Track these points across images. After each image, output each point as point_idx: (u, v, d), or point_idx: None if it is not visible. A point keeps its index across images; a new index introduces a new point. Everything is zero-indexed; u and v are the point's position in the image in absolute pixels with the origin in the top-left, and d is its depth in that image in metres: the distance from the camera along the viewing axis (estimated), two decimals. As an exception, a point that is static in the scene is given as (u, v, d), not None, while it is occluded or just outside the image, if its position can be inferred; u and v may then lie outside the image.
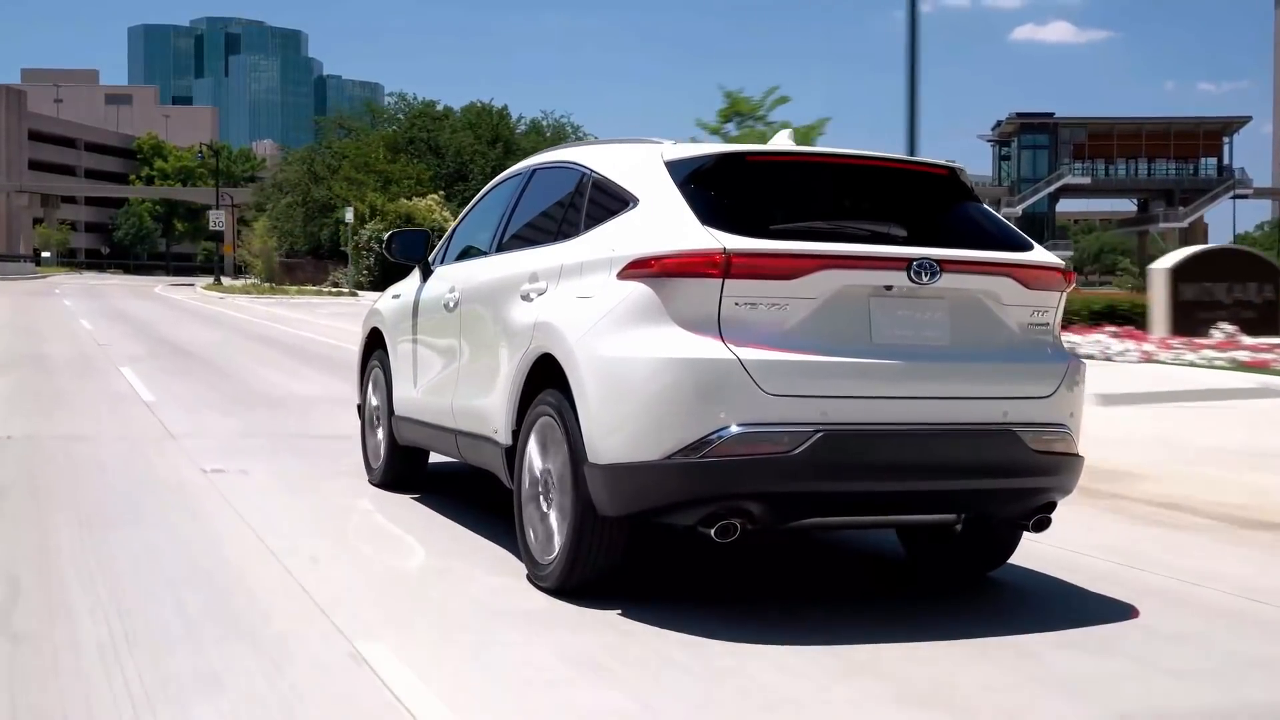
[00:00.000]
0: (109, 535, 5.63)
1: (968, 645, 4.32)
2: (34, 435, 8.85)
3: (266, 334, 22.81)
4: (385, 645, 4.09)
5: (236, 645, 4.05)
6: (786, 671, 3.97)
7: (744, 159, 4.82)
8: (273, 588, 4.82)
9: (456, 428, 5.90)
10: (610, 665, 3.99)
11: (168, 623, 4.29)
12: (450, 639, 4.25)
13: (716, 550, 4.41)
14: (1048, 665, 4.16)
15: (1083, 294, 23.40)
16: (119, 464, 7.72)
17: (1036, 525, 4.83)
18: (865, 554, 5.92)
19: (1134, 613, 4.82)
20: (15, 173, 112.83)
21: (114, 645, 3.98)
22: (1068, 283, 4.86)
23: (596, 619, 4.48)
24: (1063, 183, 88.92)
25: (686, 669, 3.98)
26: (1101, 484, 7.31)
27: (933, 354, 4.54)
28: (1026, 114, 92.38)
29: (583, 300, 4.73)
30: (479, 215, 6.56)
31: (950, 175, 5.03)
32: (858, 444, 4.36)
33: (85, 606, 4.44)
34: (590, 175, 5.23)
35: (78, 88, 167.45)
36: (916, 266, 4.44)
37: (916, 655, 4.20)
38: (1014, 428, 4.58)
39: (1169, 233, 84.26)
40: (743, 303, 4.33)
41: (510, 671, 3.92)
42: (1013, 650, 4.29)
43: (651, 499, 4.41)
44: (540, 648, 4.16)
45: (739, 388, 4.25)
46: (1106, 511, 6.92)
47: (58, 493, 6.68)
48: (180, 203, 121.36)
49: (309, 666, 3.89)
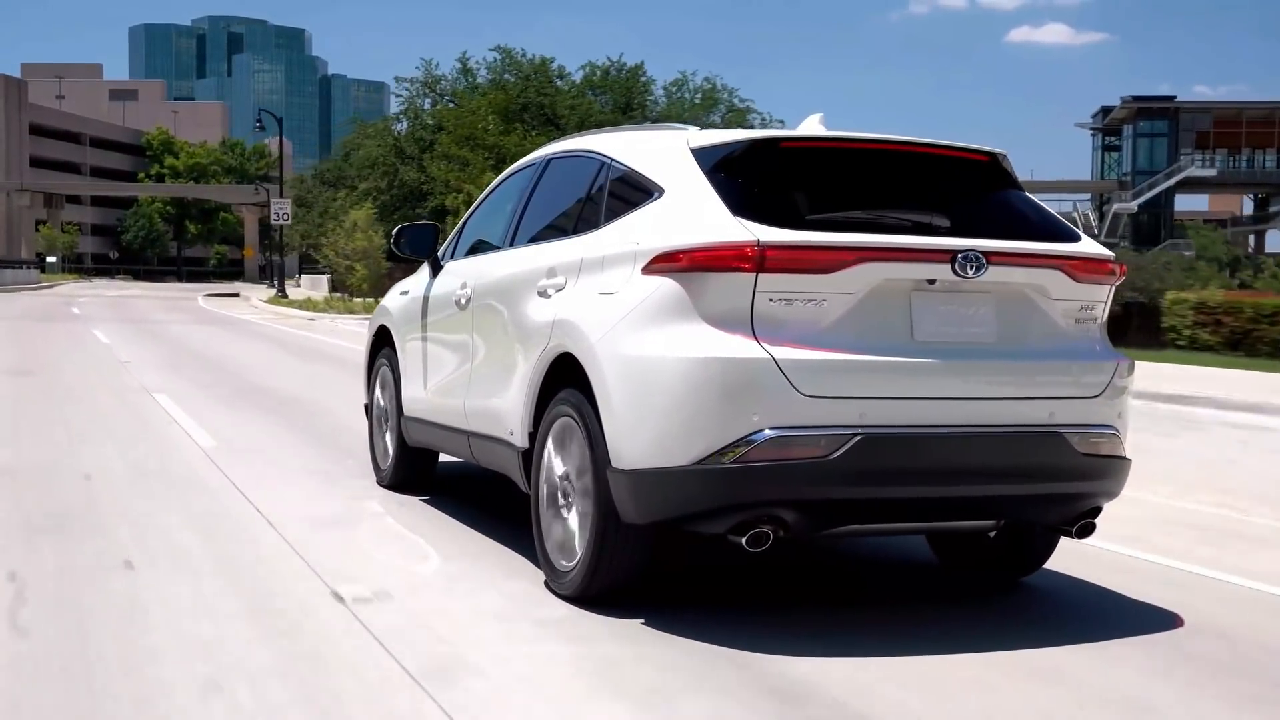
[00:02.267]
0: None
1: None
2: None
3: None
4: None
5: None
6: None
7: (777, 145, 4.57)
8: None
9: (469, 429, 5.66)
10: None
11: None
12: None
13: (740, 554, 4.17)
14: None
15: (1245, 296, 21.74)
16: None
17: (1080, 531, 4.61)
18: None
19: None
20: (15, 170, 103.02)
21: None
22: (1118, 275, 4.62)
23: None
24: (1185, 175, 74.11)
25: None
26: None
27: (977, 352, 4.31)
28: (1144, 98, 76.91)
29: (605, 296, 4.50)
30: (490, 208, 6.32)
31: (993, 161, 4.79)
32: (898, 447, 4.12)
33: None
34: (610, 164, 4.99)
35: (80, 83, 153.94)
36: (962, 259, 4.20)
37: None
38: (1060, 429, 4.35)
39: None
40: (777, 298, 4.09)
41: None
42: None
43: (679, 506, 4.18)
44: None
45: (773, 389, 4.02)
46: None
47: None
48: (193, 203, 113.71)
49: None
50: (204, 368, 15.41)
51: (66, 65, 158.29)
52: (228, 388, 12.68)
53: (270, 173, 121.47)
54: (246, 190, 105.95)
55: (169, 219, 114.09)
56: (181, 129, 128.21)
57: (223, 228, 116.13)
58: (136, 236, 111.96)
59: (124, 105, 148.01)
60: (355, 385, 11.01)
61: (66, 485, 6.79)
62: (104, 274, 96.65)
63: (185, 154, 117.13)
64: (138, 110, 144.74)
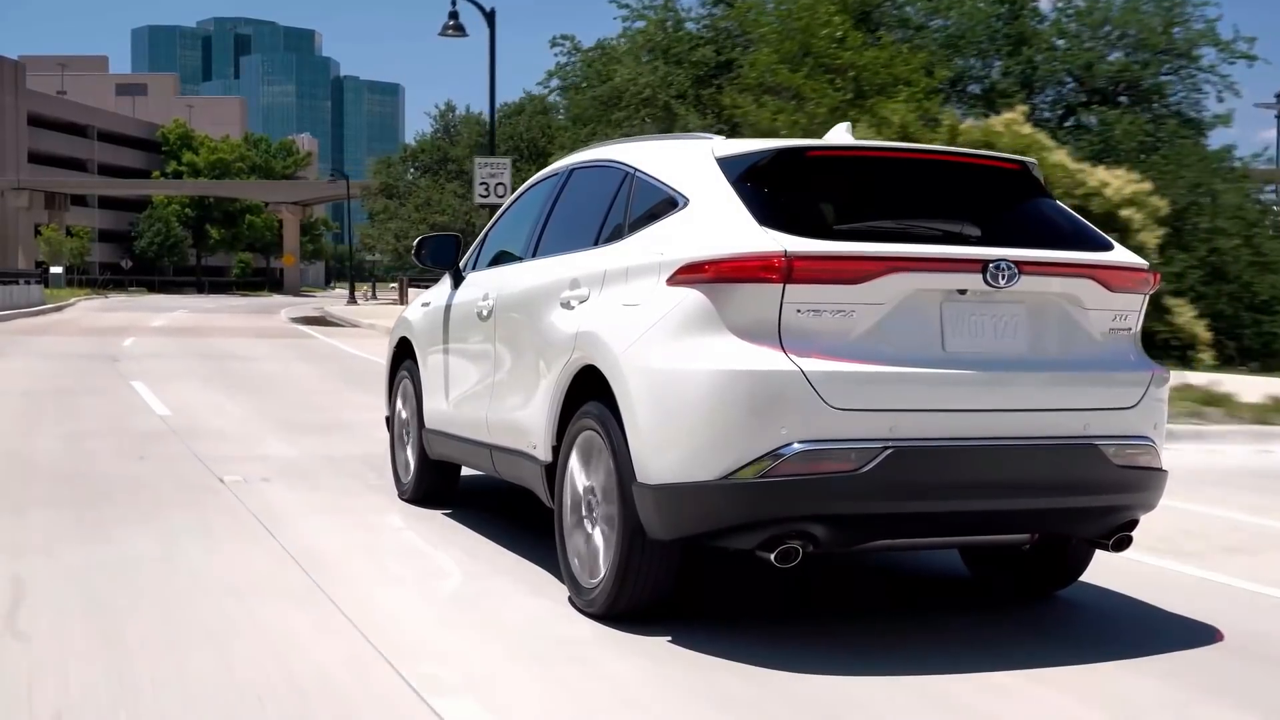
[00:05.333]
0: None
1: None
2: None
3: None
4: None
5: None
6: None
7: (803, 154, 4.56)
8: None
9: (492, 442, 5.66)
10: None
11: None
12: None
13: (768, 567, 4.14)
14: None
15: None
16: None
17: (1117, 544, 4.58)
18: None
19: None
20: (12, 165, 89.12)
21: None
22: (1152, 285, 4.58)
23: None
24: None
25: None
26: None
27: (1009, 363, 4.28)
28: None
29: (629, 308, 4.48)
30: (513, 218, 6.32)
31: (1023, 170, 4.78)
32: (929, 461, 4.10)
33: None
34: (634, 174, 4.98)
35: (84, 76, 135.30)
36: (993, 268, 4.17)
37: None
38: (1096, 441, 4.32)
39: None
40: (805, 309, 4.07)
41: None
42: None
43: (707, 522, 4.16)
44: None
45: (801, 401, 4.00)
46: None
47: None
48: (215, 205, 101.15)
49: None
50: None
51: (68, 58, 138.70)
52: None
53: (298, 173, 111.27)
54: (287, 186, 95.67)
55: (187, 223, 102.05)
56: (197, 126, 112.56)
57: (249, 232, 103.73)
58: (152, 243, 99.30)
59: (133, 100, 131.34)
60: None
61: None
62: (116, 285, 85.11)
63: (206, 149, 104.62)
64: (148, 106, 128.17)
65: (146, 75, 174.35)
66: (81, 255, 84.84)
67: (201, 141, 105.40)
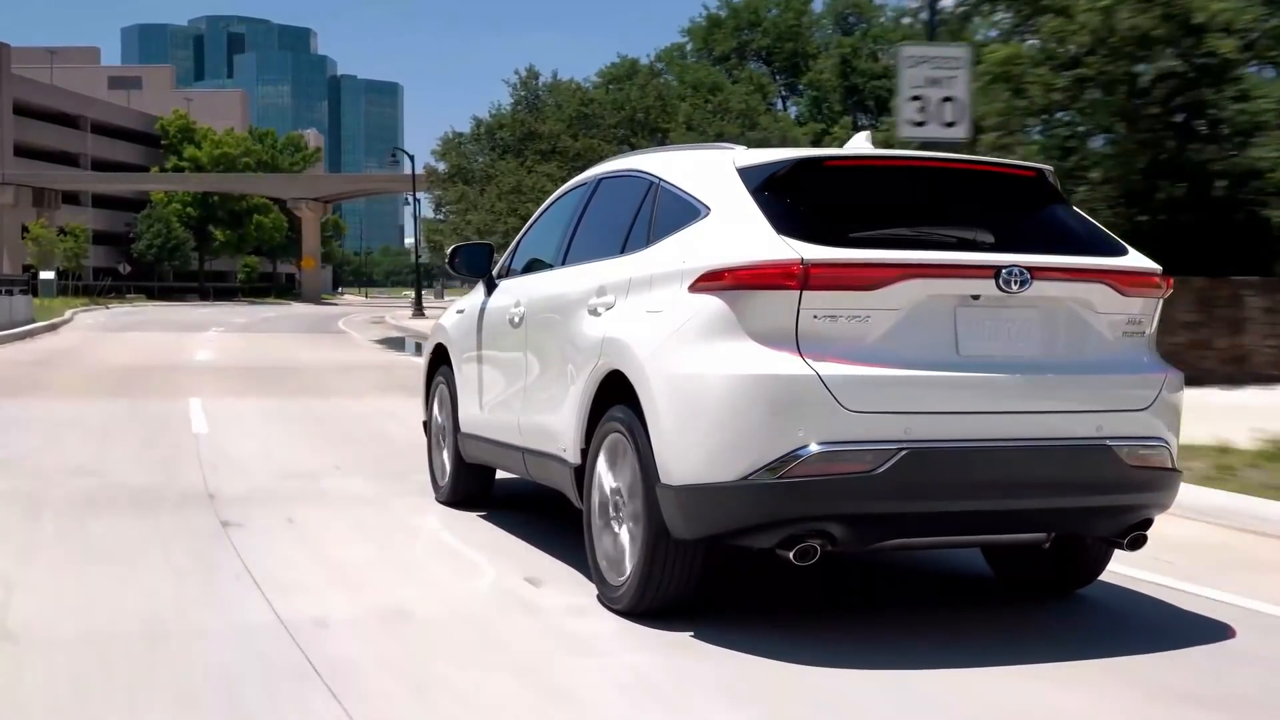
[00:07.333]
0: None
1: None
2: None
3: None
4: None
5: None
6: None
7: (821, 164, 4.74)
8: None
9: (524, 445, 5.87)
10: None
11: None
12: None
13: (790, 566, 4.29)
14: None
15: None
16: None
17: (1132, 543, 4.74)
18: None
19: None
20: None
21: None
22: (1165, 289, 4.70)
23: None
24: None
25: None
26: None
27: (1023, 366, 4.44)
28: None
29: (652, 315, 4.67)
30: (544, 227, 6.55)
31: (1039, 177, 4.94)
32: (944, 462, 4.27)
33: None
34: (659, 184, 5.18)
35: (74, 69, 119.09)
36: (1005, 274, 4.33)
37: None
38: (1109, 442, 4.47)
39: None
40: (822, 315, 4.24)
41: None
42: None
43: (728, 521, 4.35)
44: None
45: (819, 404, 4.18)
46: None
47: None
48: (219, 204, 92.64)
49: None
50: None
51: (57, 49, 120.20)
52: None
53: (308, 170, 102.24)
54: (306, 180, 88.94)
55: (189, 224, 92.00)
56: (197, 120, 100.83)
57: (256, 234, 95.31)
58: (152, 245, 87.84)
59: (128, 94, 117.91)
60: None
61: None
62: (114, 293, 73.54)
63: (209, 143, 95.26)
64: (143, 100, 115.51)
65: (142, 67, 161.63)
66: (77, 258, 72.94)
67: (204, 134, 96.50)
